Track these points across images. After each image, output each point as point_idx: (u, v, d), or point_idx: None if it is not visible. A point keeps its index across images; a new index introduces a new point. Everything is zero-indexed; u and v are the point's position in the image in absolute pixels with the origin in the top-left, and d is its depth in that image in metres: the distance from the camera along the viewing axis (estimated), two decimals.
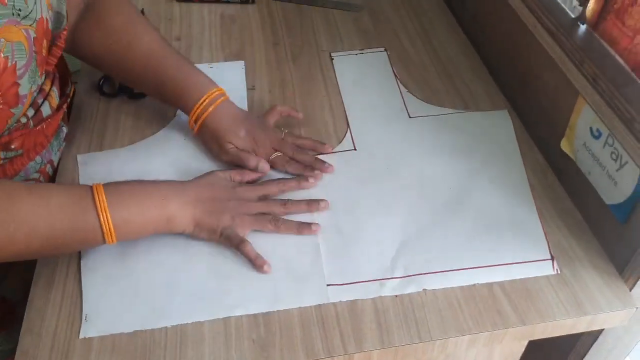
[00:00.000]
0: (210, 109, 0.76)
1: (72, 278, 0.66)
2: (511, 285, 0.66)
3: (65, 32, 0.73)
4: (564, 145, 0.78)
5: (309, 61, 0.97)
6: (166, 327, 0.62)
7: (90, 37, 0.79)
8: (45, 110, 0.72)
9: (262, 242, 0.69)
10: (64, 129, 0.80)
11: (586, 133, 0.73)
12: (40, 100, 0.71)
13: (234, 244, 0.67)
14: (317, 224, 0.71)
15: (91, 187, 0.63)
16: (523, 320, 0.63)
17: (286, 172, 0.77)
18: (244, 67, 0.95)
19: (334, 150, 0.82)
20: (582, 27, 0.72)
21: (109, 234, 0.62)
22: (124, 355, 0.60)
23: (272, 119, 0.82)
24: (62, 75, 0.80)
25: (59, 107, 0.75)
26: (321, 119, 0.87)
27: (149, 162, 0.79)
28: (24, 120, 0.68)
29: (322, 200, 0.73)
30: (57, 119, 0.75)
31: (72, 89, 0.80)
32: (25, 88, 0.65)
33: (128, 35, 0.78)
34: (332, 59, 0.98)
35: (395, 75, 0.94)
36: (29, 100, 0.67)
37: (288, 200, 0.73)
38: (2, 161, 0.68)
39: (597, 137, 0.71)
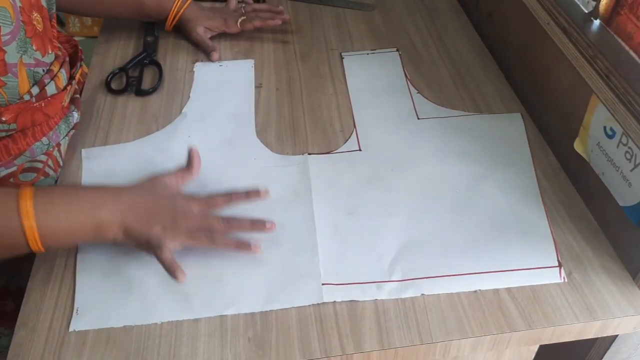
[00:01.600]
0: (185, 6, 0.98)
1: (69, 273, 0.66)
2: (518, 289, 0.63)
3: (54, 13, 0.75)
4: (577, 146, 0.75)
5: (317, 60, 0.96)
6: (162, 322, 0.61)
7: None
8: (51, 89, 0.72)
9: (260, 240, 0.67)
10: (75, 114, 0.79)
11: (600, 132, 0.70)
12: (47, 80, 0.72)
13: (153, 248, 0.62)
14: (259, 244, 0.65)
15: (18, 191, 0.60)
16: (529, 324, 0.60)
17: (255, 29, 0.99)
18: (253, 65, 0.95)
19: (338, 150, 0.80)
20: (596, 23, 0.69)
21: (34, 241, 0.59)
22: (117, 349, 0.59)
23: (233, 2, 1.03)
24: (72, 59, 0.81)
25: (64, 88, 0.76)
26: (327, 118, 0.85)
27: (153, 158, 0.78)
28: (27, 97, 0.68)
29: (267, 221, 0.67)
30: (59, 99, 0.74)
31: (80, 71, 0.81)
32: (14, 57, 0.66)
33: None
34: (343, 58, 0.96)
35: (406, 76, 0.93)
36: (21, 71, 0.67)
37: (230, 217, 0.66)
38: (2, 133, 0.68)
39: (611, 137, 0.68)
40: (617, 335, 0.68)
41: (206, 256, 0.66)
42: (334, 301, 0.62)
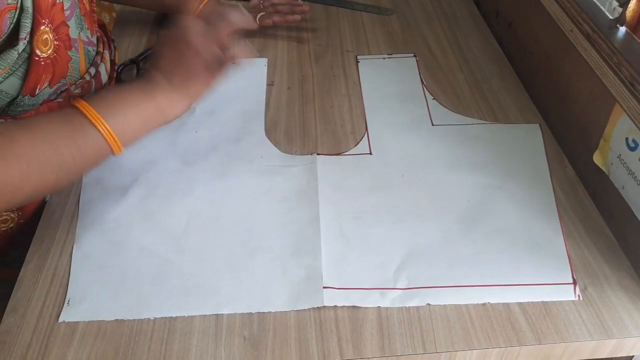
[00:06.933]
0: (205, 1, 0.89)
1: (64, 262, 0.64)
2: (529, 302, 0.60)
3: None
4: (597, 158, 0.72)
5: (332, 61, 0.95)
6: (154, 317, 0.59)
7: None
8: (102, 70, 0.76)
9: (261, 240, 0.66)
10: None
11: (621, 144, 0.67)
12: (98, 60, 0.75)
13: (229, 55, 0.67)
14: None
15: (76, 106, 0.60)
16: (540, 339, 0.57)
17: (273, 24, 0.99)
18: (266, 64, 0.93)
19: (348, 152, 0.78)
20: (622, 30, 0.67)
21: (114, 143, 0.60)
22: (107, 342, 0.57)
23: None
24: (108, 44, 0.83)
25: (110, 76, 0.79)
26: (339, 119, 0.83)
27: (156, 151, 0.77)
28: (87, 77, 0.71)
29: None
30: (112, 83, 0.79)
31: (116, 54, 0.82)
32: (74, 32, 0.68)
33: None
34: (358, 61, 0.94)
35: (422, 82, 0.90)
36: (81, 47, 0.69)
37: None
38: None
39: (633, 149, 0.65)
40: (632, 357, 0.64)
41: (203, 253, 0.64)
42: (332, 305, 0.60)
